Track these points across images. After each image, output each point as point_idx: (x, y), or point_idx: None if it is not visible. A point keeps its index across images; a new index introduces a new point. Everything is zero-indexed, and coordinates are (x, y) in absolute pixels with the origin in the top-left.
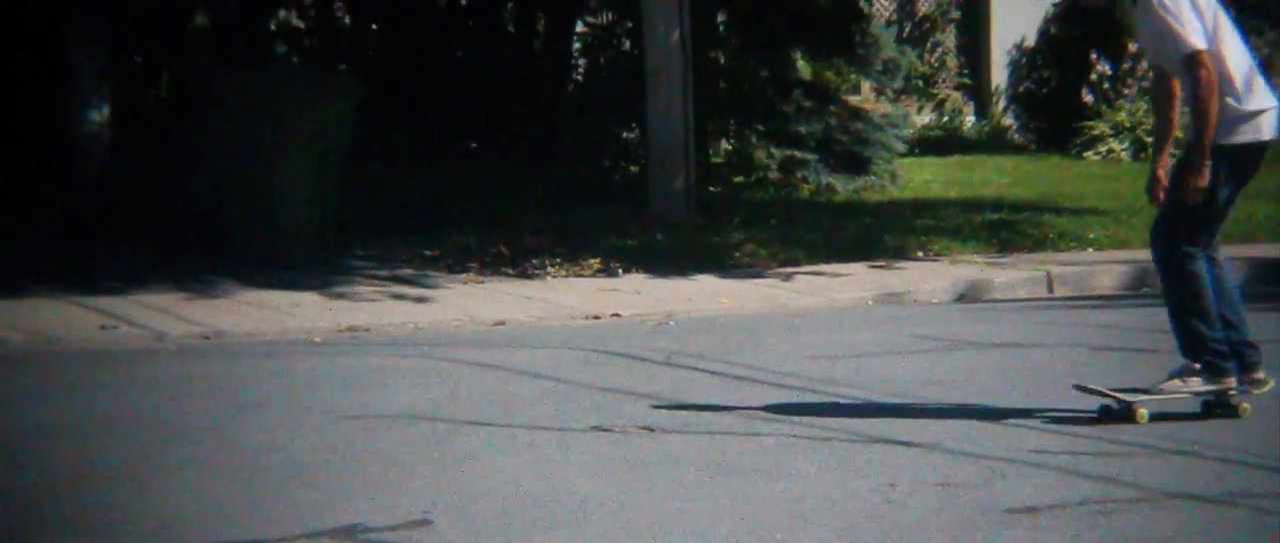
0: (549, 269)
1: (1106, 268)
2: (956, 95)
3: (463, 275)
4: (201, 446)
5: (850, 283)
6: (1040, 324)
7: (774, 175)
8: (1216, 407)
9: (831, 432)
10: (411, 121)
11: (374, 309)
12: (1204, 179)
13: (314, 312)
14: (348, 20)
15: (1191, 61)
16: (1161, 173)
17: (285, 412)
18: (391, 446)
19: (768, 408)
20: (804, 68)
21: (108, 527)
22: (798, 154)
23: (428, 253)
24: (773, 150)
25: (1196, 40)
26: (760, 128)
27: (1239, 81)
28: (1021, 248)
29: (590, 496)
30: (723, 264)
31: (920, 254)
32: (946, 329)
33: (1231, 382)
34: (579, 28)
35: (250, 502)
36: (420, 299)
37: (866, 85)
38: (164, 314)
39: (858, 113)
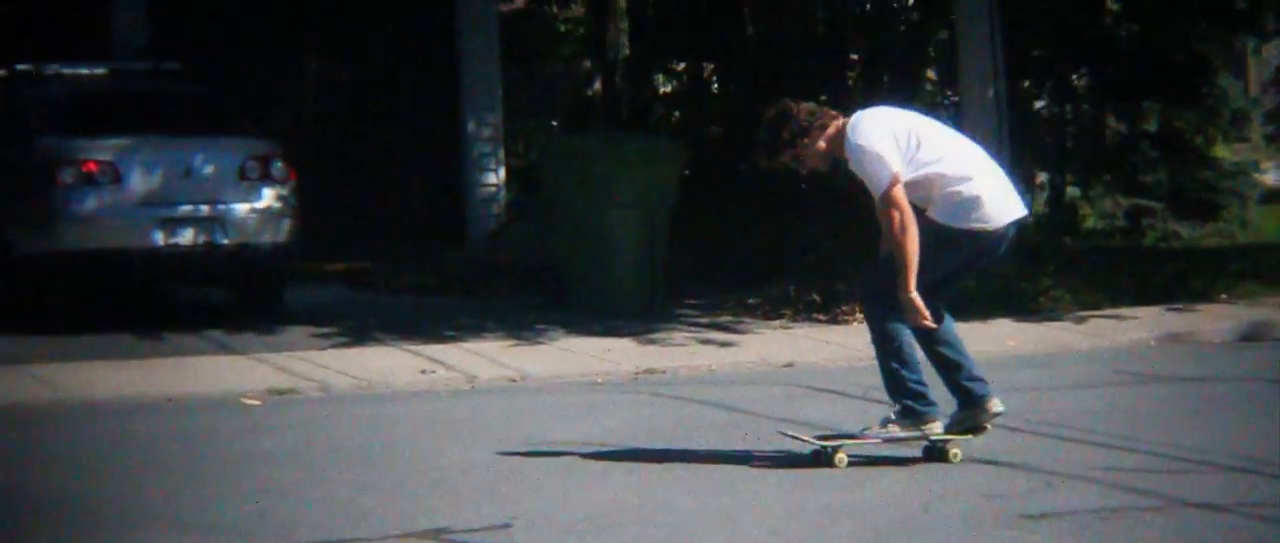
0: (857, 315)
1: None
2: None
3: (776, 322)
4: (372, 468)
5: (1138, 325)
6: (1258, 361)
7: (1120, 223)
8: (933, 452)
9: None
10: (760, 175)
11: (678, 354)
12: (924, 316)
13: (621, 356)
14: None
15: (884, 200)
16: (913, 297)
17: (473, 441)
18: (527, 466)
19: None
20: (1155, 120)
21: (238, 530)
22: (1143, 203)
23: (750, 301)
24: (1119, 198)
25: (887, 178)
26: (1107, 177)
27: (956, 173)
28: None
29: (667, 507)
30: (1024, 309)
31: (1223, 297)
32: (1154, 366)
33: (936, 426)
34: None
35: (371, 510)
36: (726, 344)
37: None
38: (483, 359)
39: (1207, 161)
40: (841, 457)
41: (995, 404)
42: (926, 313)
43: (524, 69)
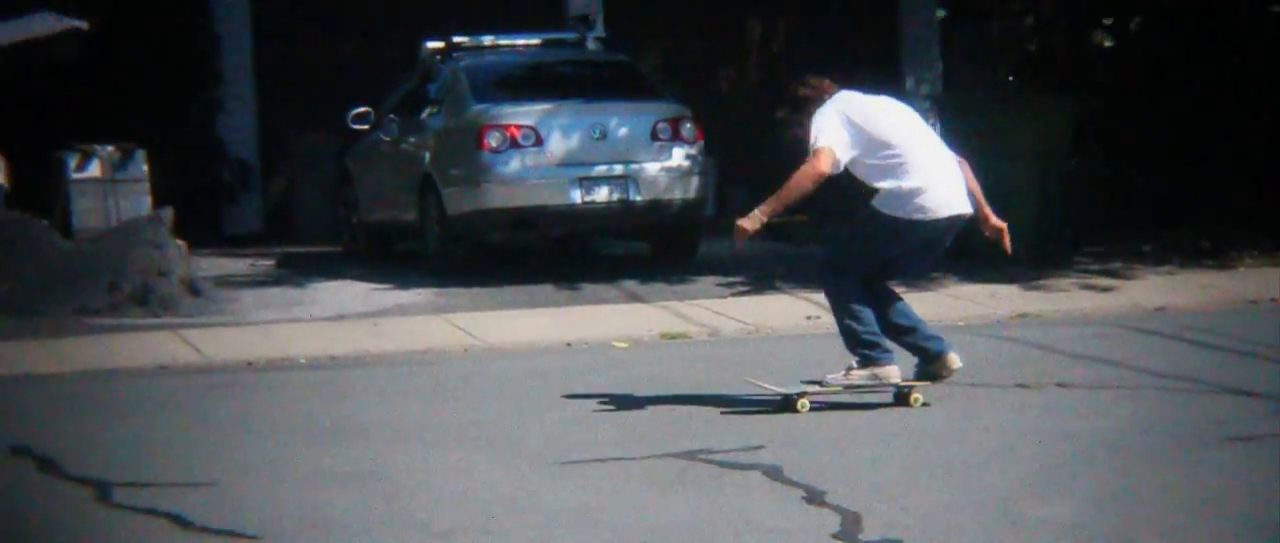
0: (1246, 260)
1: None
2: None
3: (1165, 268)
4: (681, 400)
5: None
6: None
7: None
8: (900, 396)
9: (1191, 385)
10: (1182, 130)
11: (1056, 298)
12: (744, 234)
13: (1002, 301)
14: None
15: (812, 151)
16: (747, 226)
17: (786, 376)
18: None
19: (1158, 366)
20: None
21: (530, 450)
22: None
23: (1145, 249)
24: None
25: (823, 141)
26: None
27: (907, 163)
28: None
29: (918, 431)
30: None
31: None
32: None
33: (892, 370)
34: None
35: (650, 434)
36: (1106, 289)
37: None
38: None
39: None
40: (804, 402)
41: (954, 359)
42: (744, 235)
43: (971, 24)
